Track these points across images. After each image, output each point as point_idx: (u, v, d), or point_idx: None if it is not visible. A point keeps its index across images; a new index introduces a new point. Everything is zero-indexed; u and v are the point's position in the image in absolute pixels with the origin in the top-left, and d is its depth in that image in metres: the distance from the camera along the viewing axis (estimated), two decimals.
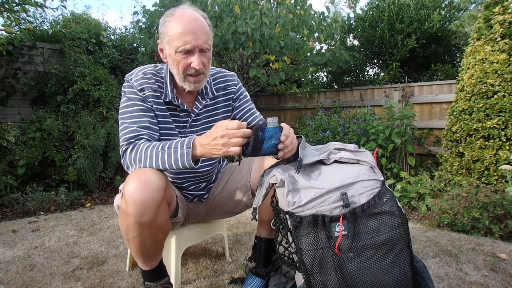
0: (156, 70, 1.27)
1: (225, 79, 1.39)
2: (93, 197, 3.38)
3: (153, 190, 1.05)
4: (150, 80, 1.24)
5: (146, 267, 1.24)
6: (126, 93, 1.24)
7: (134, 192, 1.04)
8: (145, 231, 1.11)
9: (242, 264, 1.67)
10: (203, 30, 1.16)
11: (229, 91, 1.39)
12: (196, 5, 3.44)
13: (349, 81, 5.71)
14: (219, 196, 1.47)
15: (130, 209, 1.05)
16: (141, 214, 1.05)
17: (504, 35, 2.63)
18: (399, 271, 0.95)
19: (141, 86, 1.22)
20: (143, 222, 1.07)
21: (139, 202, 1.04)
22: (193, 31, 1.13)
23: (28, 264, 1.73)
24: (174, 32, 1.13)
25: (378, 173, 1.08)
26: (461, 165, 2.75)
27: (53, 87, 3.64)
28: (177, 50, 1.14)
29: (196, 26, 1.14)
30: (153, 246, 1.18)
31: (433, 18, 4.76)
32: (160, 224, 1.13)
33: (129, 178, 1.08)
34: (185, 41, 1.12)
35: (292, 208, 1.00)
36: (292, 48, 3.66)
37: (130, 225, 1.09)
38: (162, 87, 1.25)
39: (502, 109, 2.53)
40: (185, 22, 1.14)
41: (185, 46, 1.13)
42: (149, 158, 1.10)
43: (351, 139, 3.60)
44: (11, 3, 3.01)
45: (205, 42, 1.15)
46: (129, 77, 1.25)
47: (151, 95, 1.23)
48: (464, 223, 2.23)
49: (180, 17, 1.15)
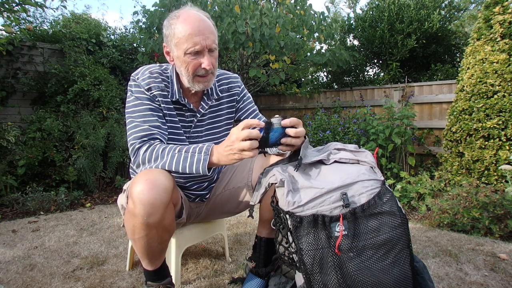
0: (162, 70, 1.27)
1: (228, 81, 1.40)
2: (93, 197, 3.38)
3: (161, 191, 1.05)
4: (157, 79, 1.24)
5: (150, 267, 1.24)
6: (133, 92, 1.23)
7: (143, 193, 1.04)
8: (152, 232, 1.11)
9: (242, 264, 1.67)
10: (210, 30, 1.16)
11: (233, 92, 1.40)
12: (196, 5, 3.44)
13: (349, 81, 5.71)
14: (220, 196, 1.47)
15: (138, 210, 1.05)
16: (149, 214, 1.05)
17: (504, 35, 2.63)
18: (399, 271, 0.95)
19: (149, 85, 1.22)
20: (151, 223, 1.07)
21: (147, 202, 1.04)
22: (201, 32, 1.13)
23: (28, 264, 1.73)
24: (183, 34, 1.13)
25: (378, 173, 1.08)
26: (461, 165, 2.75)
27: (53, 87, 3.64)
28: (186, 51, 1.14)
29: (204, 27, 1.15)
30: (159, 247, 1.19)
31: (433, 18, 4.76)
32: (167, 224, 1.13)
33: (136, 179, 1.07)
34: (194, 43, 1.13)
35: (292, 208, 1.00)
36: (292, 48, 3.66)
37: (137, 226, 1.09)
38: (168, 87, 1.26)
39: (502, 109, 2.53)
40: (192, 23, 1.14)
41: (195, 48, 1.13)
42: (164, 159, 1.11)
43: (351, 139, 3.60)
44: (11, 3, 3.01)
45: (213, 42, 1.16)
46: (135, 76, 1.24)
47: (158, 94, 1.23)
48: (464, 223, 2.23)
49: (187, 19, 1.15)
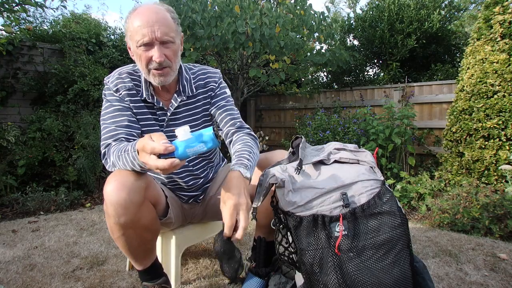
0: (134, 70, 1.26)
1: (206, 76, 1.35)
2: (93, 197, 3.38)
3: (130, 191, 1.04)
4: (125, 79, 1.23)
5: (138, 266, 1.25)
6: (106, 96, 1.24)
7: (111, 194, 1.03)
8: (129, 232, 1.10)
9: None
10: (162, 22, 1.12)
11: (208, 88, 1.35)
12: (196, 5, 3.44)
13: (349, 81, 5.71)
14: (214, 198, 1.45)
15: (110, 210, 1.06)
16: (119, 215, 1.05)
17: (504, 35, 2.63)
18: (399, 271, 0.95)
19: (116, 86, 1.22)
20: (123, 223, 1.07)
21: (116, 203, 1.03)
22: (150, 24, 1.10)
23: (28, 264, 1.73)
24: (134, 26, 1.12)
25: (378, 173, 1.08)
26: (461, 165, 2.75)
27: (53, 87, 3.64)
28: (137, 44, 1.12)
29: (156, 18, 1.11)
30: (142, 247, 1.18)
31: (433, 18, 4.76)
32: (145, 224, 1.12)
33: (108, 179, 1.07)
34: (143, 34, 1.10)
35: (292, 208, 1.00)
36: (292, 48, 3.66)
37: (112, 226, 1.10)
38: (139, 86, 1.25)
39: (502, 109, 2.53)
40: (143, 15, 1.12)
41: (143, 39, 1.10)
42: (118, 162, 1.08)
43: (351, 139, 3.59)
44: (11, 3, 3.01)
45: (165, 34, 1.12)
46: (106, 79, 1.25)
47: (126, 94, 1.22)
48: (464, 223, 2.23)
49: (139, 12, 1.13)
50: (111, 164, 1.12)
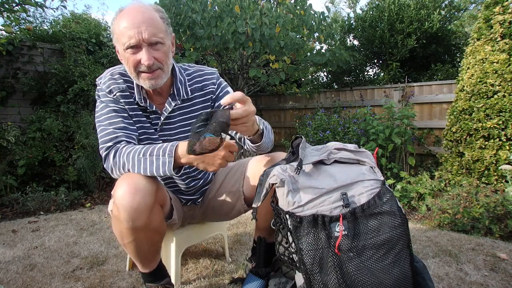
0: (126, 70, 1.19)
1: (203, 78, 1.29)
2: (93, 197, 3.38)
3: (144, 195, 1.02)
4: (118, 80, 1.18)
5: (145, 269, 1.23)
6: (100, 97, 1.20)
7: (124, 198, 1.01)
8: (140, 236, 1.09)
9: (242, 264, 1.67)
10: (150, 23, 1.06)
11: (207, 91, 1.29)
12: (196, 5, 3.44)
13: (349, 81, 5.71)
14: (213, 200, 1.44)
15: (122, 215, 1.02)
16: (134, 219, 1.03)
17: (504, 35, 2.63)
18: (399, 271, 0.95)
19: (109, 87, 1.17)
20: (137, 227, 1.05)
21: (130, 208, 1.01)
22: (136, 25, 1.04)
23: (28, 264, 1.73)
24: (120, 28, 1.06)
25: (378, 173, 1.08)
26: (461, 165, 2.75)
27: (53, 87, 3.64)
28: (124, 47, 1.06)
29: (142, 19, 1.05)
30: (151, 249, 1.17)
31: (433, 18, 4.76)
32: (155, 226, 1.11)
33: (118, 183, 1.04)
34: (129, 36, 1.04)
35: (292, 208, 1.00)
36: (292, 48, 3.66)
37: (124, 231, 1.07)
38: (132, 87, 1.20)
39: (502, 109, 2.53)
40: (129, 16, 1.06)
41: (130, 42, 1.05)
42: (131, 164, 1.06)
43: (351, 139, 3.59)
44: (11, 3, 3.01)
45: (153, 35, 1.06)
46: (98, 80, 1.20)
47: (120, 95, 1.18)
48: (464, 223, 2.23)
49: (125, 12, 1.08)
50: (121, 166, 1.08)
